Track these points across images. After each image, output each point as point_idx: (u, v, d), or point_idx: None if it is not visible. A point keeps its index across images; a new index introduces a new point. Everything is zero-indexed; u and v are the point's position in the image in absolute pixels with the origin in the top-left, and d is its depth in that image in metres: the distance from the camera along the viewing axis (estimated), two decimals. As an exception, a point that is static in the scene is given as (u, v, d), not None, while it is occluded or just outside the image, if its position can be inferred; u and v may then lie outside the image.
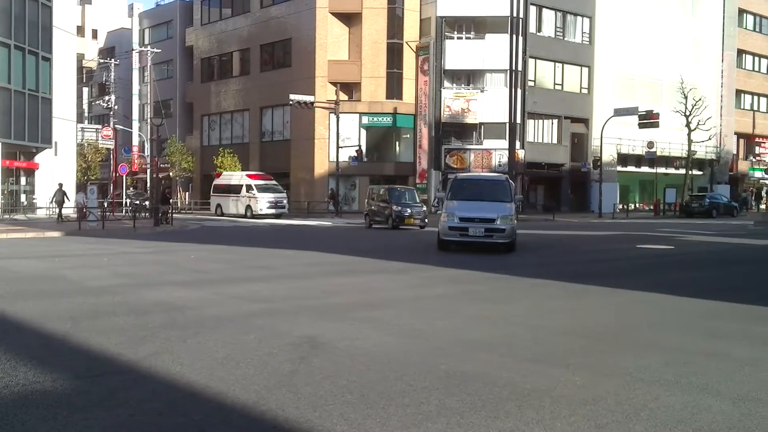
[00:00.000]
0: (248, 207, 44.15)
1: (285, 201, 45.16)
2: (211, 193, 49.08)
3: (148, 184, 57.47)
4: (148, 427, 5.40)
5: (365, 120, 52.57)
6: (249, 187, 44.64)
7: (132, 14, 74.35)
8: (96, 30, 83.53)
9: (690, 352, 8.06)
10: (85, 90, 78.05)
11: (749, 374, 7.09)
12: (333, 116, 48.92)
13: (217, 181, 48.74)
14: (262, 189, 44.58)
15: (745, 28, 70.49)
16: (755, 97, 72.37)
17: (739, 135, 70.17)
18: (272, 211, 43.66)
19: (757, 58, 72.41)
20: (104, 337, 8.35)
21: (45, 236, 26.98)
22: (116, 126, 62.22)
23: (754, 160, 70.98)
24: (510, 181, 22.59)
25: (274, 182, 46.77)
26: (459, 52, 51.70)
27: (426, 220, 33.52)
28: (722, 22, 66.14)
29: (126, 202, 55.12)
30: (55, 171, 44.49)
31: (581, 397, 6.18)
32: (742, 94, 70.61)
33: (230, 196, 46.04)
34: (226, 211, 46.08)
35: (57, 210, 36.81)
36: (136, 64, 69.53)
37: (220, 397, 6.10)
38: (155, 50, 63.27)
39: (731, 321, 10.21)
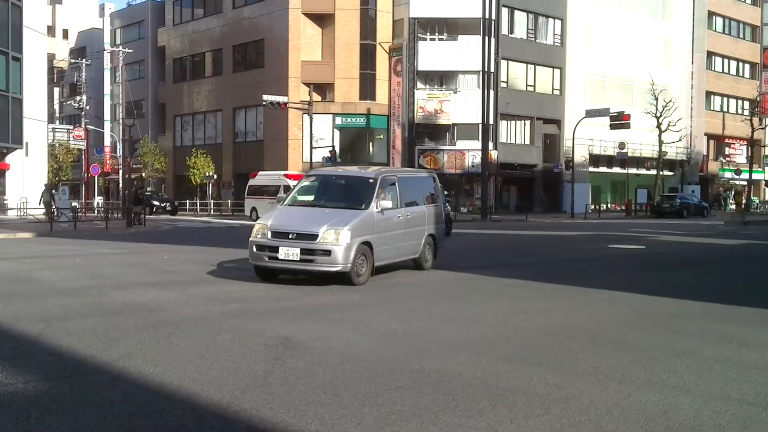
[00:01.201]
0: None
1: None
2: (246, 195, 44.66)
3: (120, 185, 57.00)
4: (121, 429, 5.37)
5: (338, 121, 52.50)
6: (287, 189, 38.06)
7: (103, 14, 73.71)
8: (67, 30, 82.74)
9: (661, 351, 8.15)
10: (56, 90, 77.25)
11: (719, 372, 7.19)
12: (306, 117, 48.79)
13: (252, 182, 44.13)
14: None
15: (715, 30, 71.26)
16: (725, 99, 73.17)
17: (709, 136, 70.89)
18: None
19: (726, 60, 73.23)
20: (77, 339, 8.30)
21: (16, 237, 26.68)
22: (88, 126, 61.57)
23: (723, 160, 71.73)
24: (385, 177, 14.97)
25: None
26: (432, 54, 51.80)
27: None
28: (692, 25, 66.80)
29: (98, 203, 54.58)
30: (26, 172, 44.00)
31: (554, 396, 6.23)
32: (712, 96, 71.34)
33: (266, 198, 40.56)
34: (262, 215, 40.39)
35: (44, 210, 36.51)
36: (107, 65, 68.94)
37: (193, 398, 6.08)
38: (127, 50, 62.79)
39: (702, 320, 10.33)
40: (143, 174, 60.66)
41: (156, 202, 52.32)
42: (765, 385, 6.73)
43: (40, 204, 37.49)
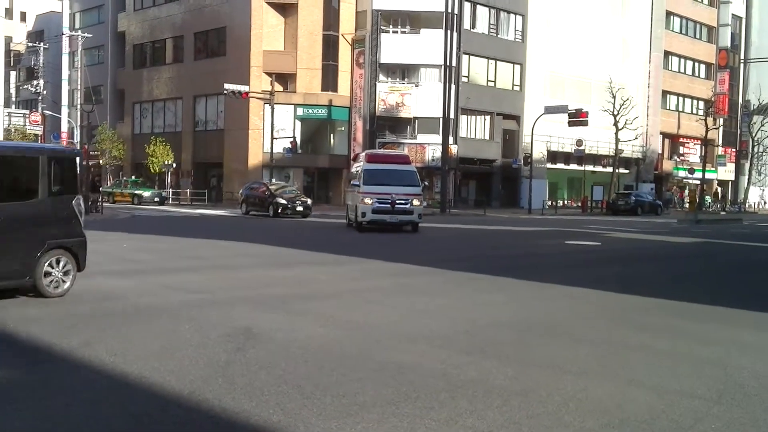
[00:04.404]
0: (355, 208, 27.44)
1: (415, 202, 26.90)
2: (346, 188, 36.62)
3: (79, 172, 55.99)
4: (82, 417, 5.37)
5: (300, 111, 52.31)
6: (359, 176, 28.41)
7: (62, -3, 72.60)
8: (24, 13, 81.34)
9: (617, 345, 8.32)
10: (13, 74, 75.96)
11: (672, 367, 7.35)
12: (267, 107, 48.56)
13: (354, 166, 33.37)
14: (373, 177, 27.00)
15: (672, 30, 72.17)
16: (680, 98, 74.15)
17: (665, 135, 71.84)
18: (379, 216, 26.27)
19: (682, 60, 74.20)
20: (36, 328, 8.23)
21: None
22: (45, 111, 60.73)
23: (678, 159, 72.79)
24: None
25: (400, 166, 28.55)
26: (394, 46, 51.82)
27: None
28: (650, 24, 67.60)
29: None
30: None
31: (513, 388, 6.34)
32: (668, 95, 72.27)
33: (352, 190, 28.92)
34: (351, 211, 28.88)
35: None
36: (66, 49, 67.85)
37: (155, 387, 6.09)
38: (86, 35, 61.85)
39: (657, 316, 10.53)
40: (101, 161, 59.85)
41: (282, 201, 36.26)
42: (716, 380, 6.91)
43: None
